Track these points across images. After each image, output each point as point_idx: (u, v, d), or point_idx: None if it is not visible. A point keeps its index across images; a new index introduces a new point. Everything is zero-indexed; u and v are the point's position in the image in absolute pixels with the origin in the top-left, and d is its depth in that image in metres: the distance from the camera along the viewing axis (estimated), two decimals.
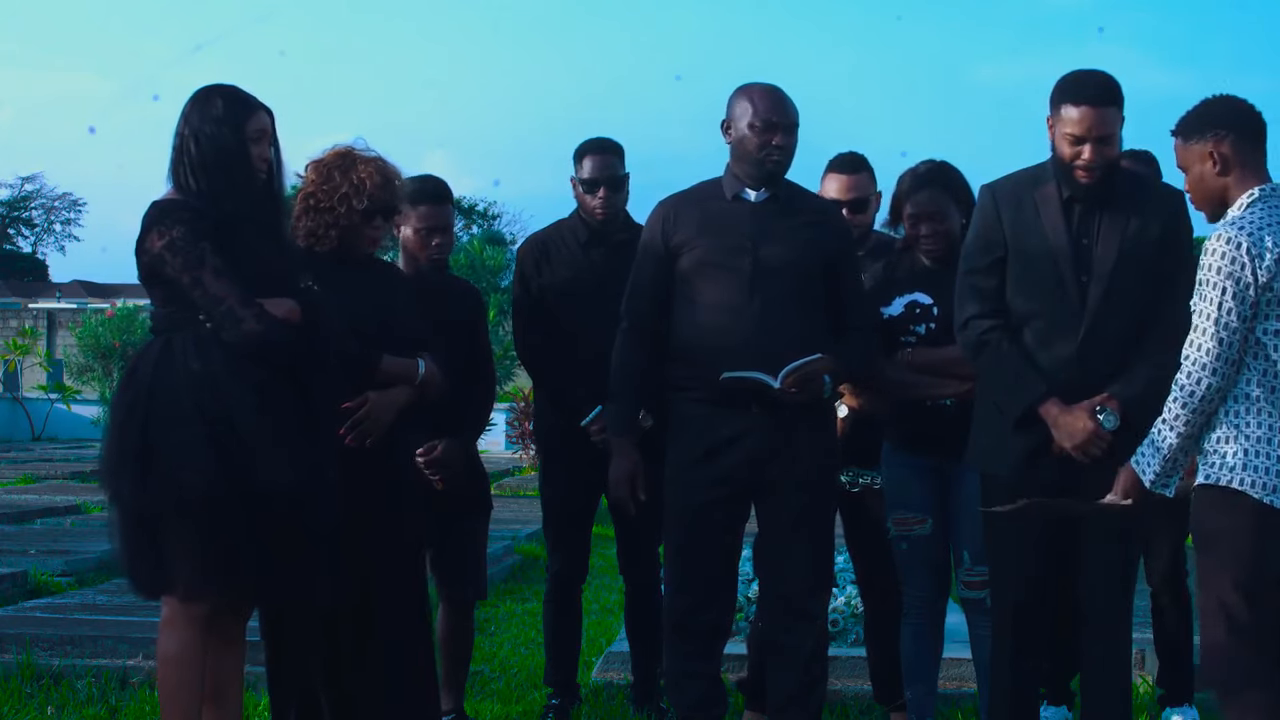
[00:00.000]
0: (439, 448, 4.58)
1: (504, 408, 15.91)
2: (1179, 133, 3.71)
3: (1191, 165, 3.68)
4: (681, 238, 4.22)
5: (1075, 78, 4.01)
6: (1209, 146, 3.63)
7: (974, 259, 4.14)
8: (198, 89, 3.78)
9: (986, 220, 4.12)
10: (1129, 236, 3.99)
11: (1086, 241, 4.01)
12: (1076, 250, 4.00)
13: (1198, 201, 3.72)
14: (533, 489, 6.88)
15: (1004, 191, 4.12)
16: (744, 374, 4.09)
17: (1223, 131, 3.63)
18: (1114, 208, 4.01)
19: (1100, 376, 3.98)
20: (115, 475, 3.70)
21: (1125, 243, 3.98)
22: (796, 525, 4.21)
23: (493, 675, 5.89)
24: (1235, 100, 3.71)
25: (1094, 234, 4.00)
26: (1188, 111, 3.71)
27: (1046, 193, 4.04)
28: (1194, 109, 3.71)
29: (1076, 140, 3.94)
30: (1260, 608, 3.51)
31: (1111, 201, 4.01)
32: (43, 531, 9.65)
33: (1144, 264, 3.97)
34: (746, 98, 4.20)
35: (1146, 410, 3.78)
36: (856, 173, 4.83)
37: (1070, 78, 4.01)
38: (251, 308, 3.61)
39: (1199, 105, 3.71)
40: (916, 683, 4.58)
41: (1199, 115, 3.69)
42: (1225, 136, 3.62)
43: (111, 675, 5.41)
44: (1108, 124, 3.95)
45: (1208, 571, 3.61)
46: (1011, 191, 4.11)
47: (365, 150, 4.15)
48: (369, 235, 4.14)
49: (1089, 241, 4.00)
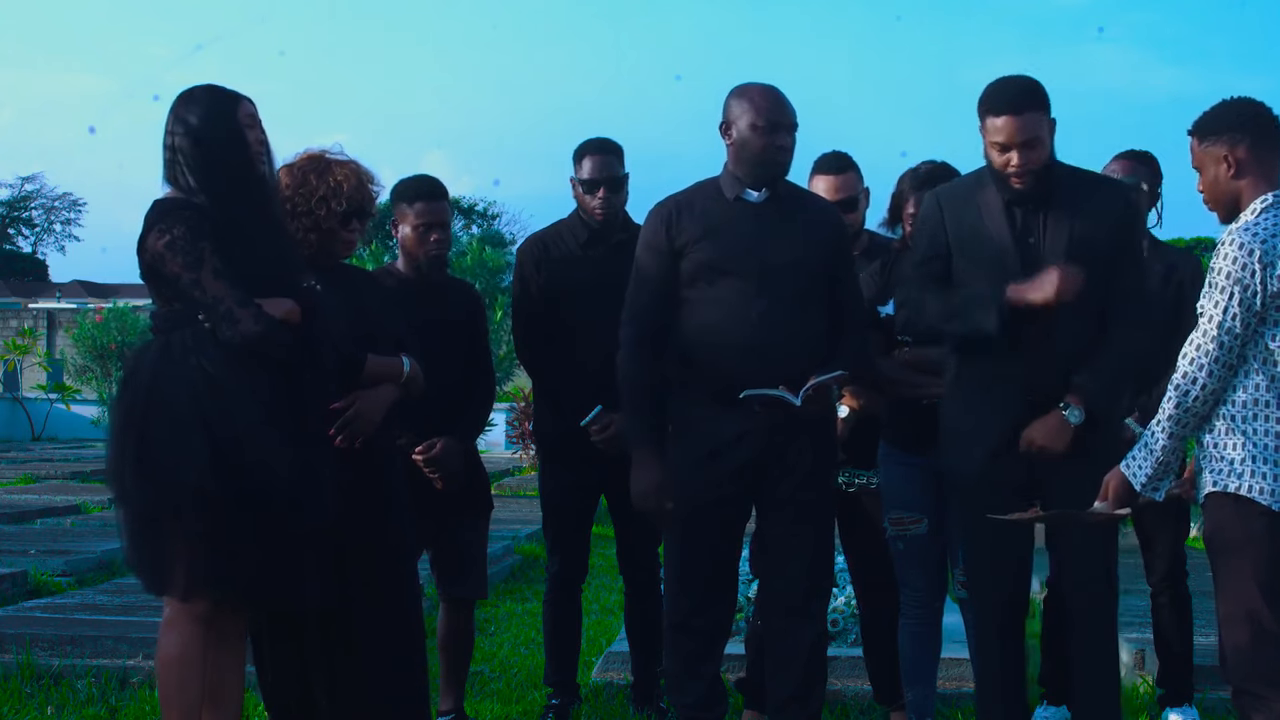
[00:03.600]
0: (438, 446, 4.58)
1: (504, 408, 15.92)
2: (1196, 133, 3.70)
3: (1206, 167, 3.67)
4: (685, 239, 4.21)
5: (994, 87, 4.06)
6: (1224, 149, 3.62)
7: (919, 255, 4.22)
8: (180, 91, 3.80)
9: (931, 224, 4.20)
10: (1077, 232, 4.01)
11: (1033, 240, 4.04)
12: (1022, 250, 4.03)
13: (1211, 203, 3.71)
14: (533, 489, 6.88)
15: (948, 196, 4.20)
16: (766, 391, 4.08)
17: (1239, 135, 3.62)
18: (1059, 205, 4.04)
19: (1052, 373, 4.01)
20: (118, 474, 3.70)
21: (1074, 238, 4.00)
22: (796, 525, 4.21)
23: (493, 675, 5.89)
24: (1254, 104, 3.69)
25: (1039, 232, 4.04)
26: (1205, 112, 3.70)
27: (988, 196, 4.09)
28: (1212, 110, 3.69)
29: (1003, 148, 4.00)
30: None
31: (1055, 199, 4.05)
32: (43, 531, 9.64)
33: (1095, 258, 3.98)
34: (747, 99, 4.19)
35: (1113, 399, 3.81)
36: (843, 172, 4.84)
37: (990, 88, 4.06)
38: (249, 308, 3.60)
39: (1217, 106, 3.70)
40: (916, 683, 4.59)
41: (1217, 117, 3.67)
42: (1241, 140, 3.62)
43: (111, 675, 5.41)
44: (1029, 129, 3.98)
45: (1228, 577, 3.60)
46: (955, 196, 4.18)
47: (338, 154, 4.15)
48: (345, 238, 4.14)
49: (1034, 240, 4.04)
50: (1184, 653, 5.01)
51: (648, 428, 4.26)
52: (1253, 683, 3.55)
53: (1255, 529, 3.55)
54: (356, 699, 3.97)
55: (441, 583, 4.84)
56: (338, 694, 3.97)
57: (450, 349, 4.67)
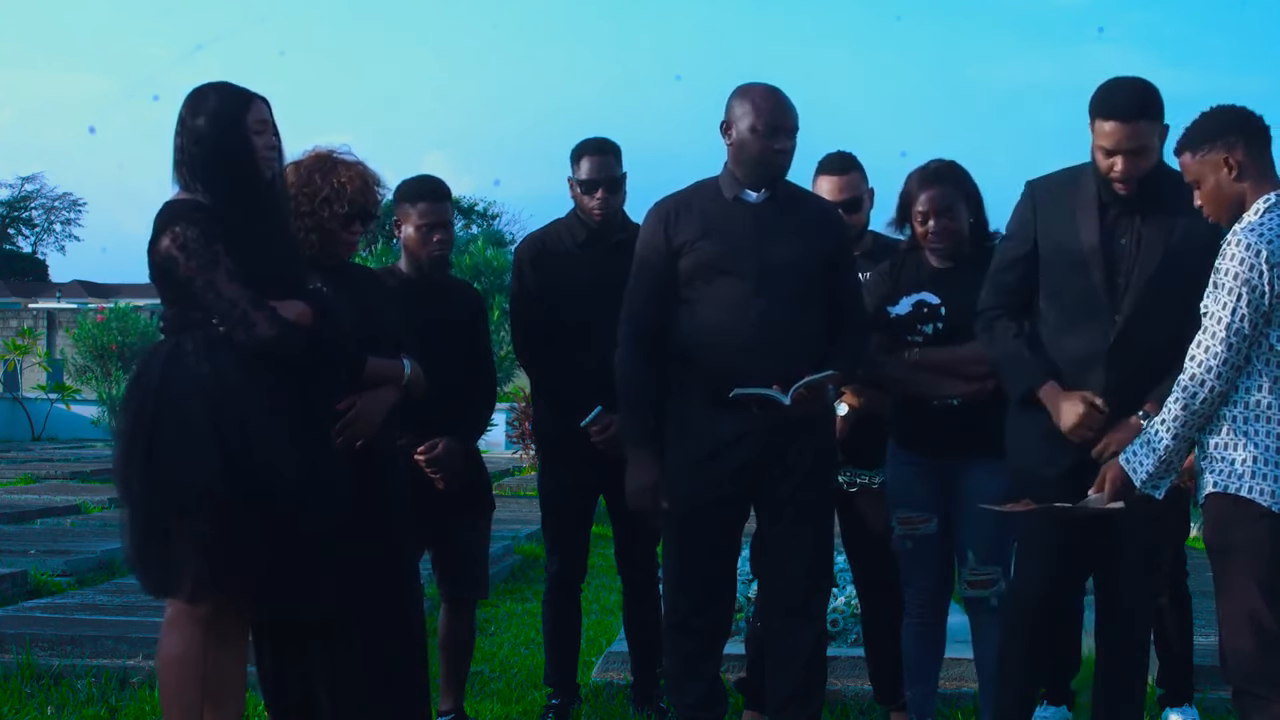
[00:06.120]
0: (439, 447, 4.58)
1: (504, 408, 15.92)
2: (1187, 147, 3.68)
3: (1205, 176, 3.67)
4: (684, 239, 4.20)
5: (1107, 89, 3.94)
6: (1222, 154, 3.63)
7: (1002, 254, 4.19)
8: (191, 90, 3.76)
9: (1021, 217, 4.15)
10: (1176, 237, 3.92)
11: (1125, 242, 3.96)
12: (1112, 252, 3.95)
13: (1215, 212, 3.69)
14: (533, 489, 6.87)
15: (1042, 190, 4.12)
16: (756, 390, 4.08)
17: (1233, 138, 3.63)
18: (1158, 208, 3.94)
19: (1133, 380, 3.92)
20: (125, 475, 3.69)
21: (1172, 244, 3.92)
22: (796, 525, 4.21)
23: (493, 675, 5.89)
24: (1236, 108, 3.70)
25: (1133, 235, 3.95)
26: (1190, 126, 3.70)
27: (1084, 195, 4.01)
28: (1197, 122, 3.70)
29: (1108, 153, 3.91)
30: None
31: (1154, 203, 3.94)
32: (43, 531, 9.65)
33: (1190, 265, 3.84)
34: (748, 100, 4.18)
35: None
36: (847, 173, 4.82)
37: (1103, 89, 3.95)
38: (264, 310, 3.60)
39: (1201, 118, 3.70)
40: (917, 682, 4.58)
41: (1205, 126, 3.68)
42: (1236, 143, 3.63)
43: (111, 675, 5.41)
44: (1139, 138, 3.88)
45: (1230, 579, 3.60)
46: (1049, 191, 4.10)
47: (346, 154, 4.14)
48: (346, 240, 4.12)
49: (1127, 242, 3.96)
50: (1184, 653, 5.01)
51: (644, 427, 4.26)
52: (1253, 683, 3.55)
53: (1257, 530, 3.55)
54: (357, 699, 3.97)
55: (443, 582, 4.84)
56: (338, 694, 3.96)
57: (452, 349, 4.67)
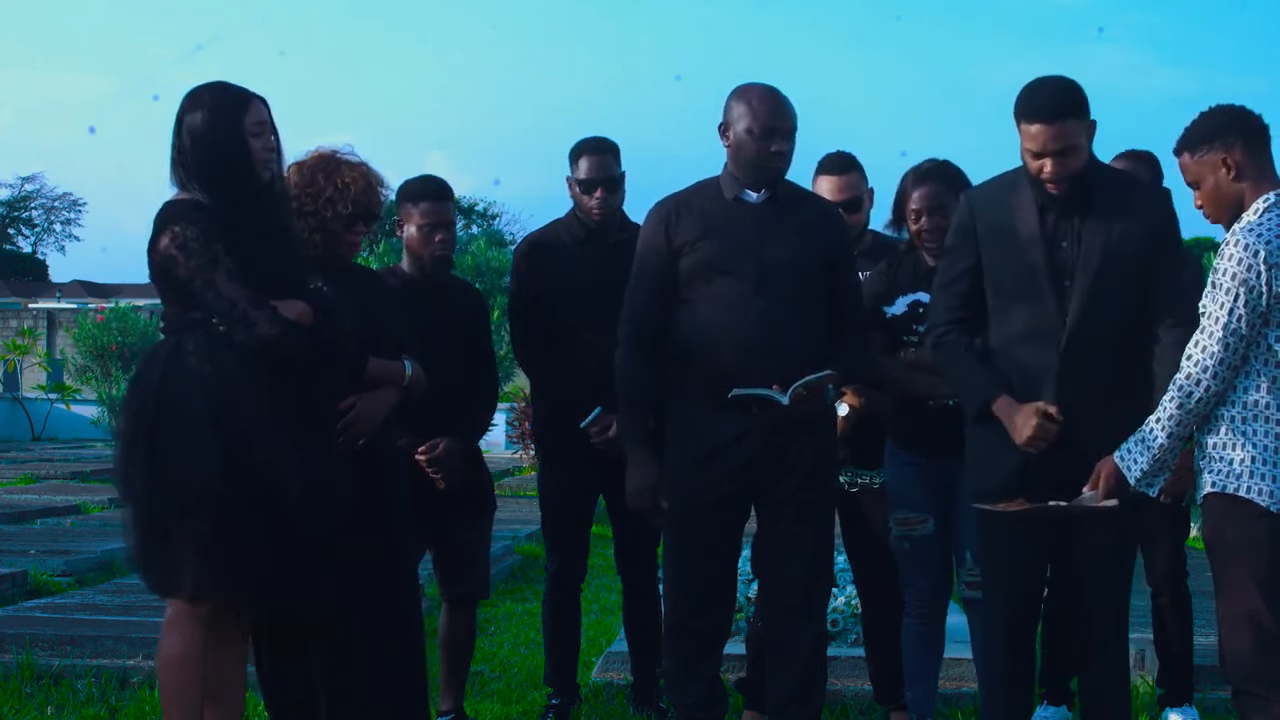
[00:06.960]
0: (440, 447, 4.58)
1: (504, 408, 15.92)
2: (1185, 147, 3.67)
3: (1204, 177, 3.66)
4: (685, 239, 4.20)
5: (1030, 90, 3.88)
6: (1220, 154, 3.62)
7: (946, 269, 4.14)
8: (189, 90, 3.75)
9: (961, 229, 4.08)
10: (1114, 237, 3.85)
11: (1065, 244, 3.89)
12: (1054, 254, 3.88)
13: (1214, 213, 3.68)
14: (533, 489, 6.87)
15: (980, 199, 4.07)
16: (754, 390, 4.08)
17: (1232, 138, 3.63)
18: (1096, 209, 3.88)
19: (1086, 385, 3.86)
20: (126, 476, 3.69)
21: (1110, 243, 3.85)
22: (796, 525, 4.21)
23: (493, 675, 5.89)
24: (1235, 108, 3.70)
25: (1073, 236, 3.88)
26: (1188, 127, 3.69)
27: (1021, 199, 3.95)
28: (1195, 122, 3.69)
29: (1036, 155, 3.85)
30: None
31: (1092, 203, 3.89)
32: (43, 531, 9.65)
33: (1130, 264, 3.83)
34: (745, 101, 4.17)
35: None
36: (847, 173, 4.82)
37: (1026, 90, 3.88)
38: (264, 310, 3.60)
39: (1199, 119, 3.69)
40: (917, 683, 4.58)
41: (1203, 127, 3.67)
42: (1235, 143, 3.62)
43: (111, 675, 5.41)
44: (1065, 138, 3.81)
45: (1229, 579, 3.60)
46: (987, 199, 4.05)
47: (349, 155, 4.13)
48: (349, 241, 4.12)
49: (1068, 244, 3.88)
50: (1184, 653, 5.01)
51: (643, 427, 4.26)
52: (1253, 683, 3.55)
53: (1256, 531, 3.55)
54: (357, 699, 3.97)
55: (443, 582, 4.85)
56: (338, 694, 3.96)
57: (453, 349, 4.67)
